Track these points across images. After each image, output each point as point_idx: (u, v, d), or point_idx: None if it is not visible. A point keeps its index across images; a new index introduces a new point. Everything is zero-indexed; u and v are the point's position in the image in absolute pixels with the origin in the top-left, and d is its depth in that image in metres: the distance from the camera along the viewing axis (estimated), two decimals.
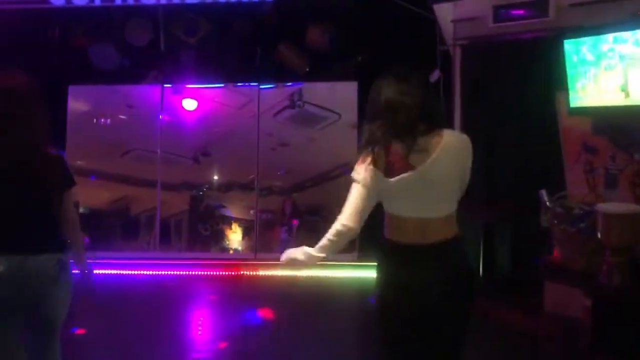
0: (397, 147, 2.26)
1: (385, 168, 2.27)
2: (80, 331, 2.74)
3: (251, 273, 6.61)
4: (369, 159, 2.28)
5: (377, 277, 2.41)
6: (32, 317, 2.57)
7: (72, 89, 7.11)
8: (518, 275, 5.23)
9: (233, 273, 6.60)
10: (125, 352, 4.17)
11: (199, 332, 4.79)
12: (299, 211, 7.30)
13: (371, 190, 2.29)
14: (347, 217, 2.31)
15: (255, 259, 6.95)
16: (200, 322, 5.12)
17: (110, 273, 6.41)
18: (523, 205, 5.07)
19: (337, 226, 2.34)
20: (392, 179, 2.26)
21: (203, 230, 7.42)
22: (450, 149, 2.28)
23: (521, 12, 5.09)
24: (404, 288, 2.28)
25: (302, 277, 6.17)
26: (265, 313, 5.21)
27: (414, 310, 2.29)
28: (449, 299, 2.27)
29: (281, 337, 4.62)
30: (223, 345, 4.50)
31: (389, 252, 2.37)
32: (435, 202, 2.30)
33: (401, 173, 2.25)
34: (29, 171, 2.52)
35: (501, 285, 5.21)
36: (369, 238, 2.57)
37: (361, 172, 2.30)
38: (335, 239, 2.34)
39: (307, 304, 5.40)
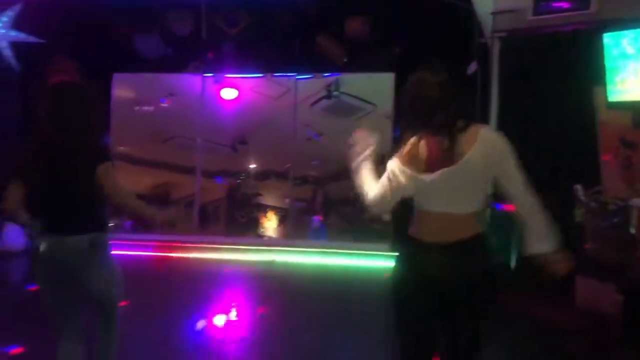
0: (434, 142, 2.28)
1: (423, 162, 2.29)
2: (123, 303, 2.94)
3: (283, 259, 6.72)
4: (404, 151, 2.34)
5: (396, 269, 2.43)
6: (77, 292, 2.76)
7: (116, 76, 7.36)
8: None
9: (264, 258, 6.73)
10: (160, 326, 4.36)
11: (230, 314, 4.93)
12: (331, 201, 7.40)
13: (393, 182, 2.35)
14: (372, 198, 2.41)
15: (287, 246, 7.05)
16: (233, 304, 5.27)
17: (151, 254, 6.65)
18: (558, 199, 5.04)
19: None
20: (429, 175, 2.28)
21: (239, 217, 7.59)
22: (487, 146, 2.27)
23: (562, 4, 5.05)
24: (423, 283, 2.31)
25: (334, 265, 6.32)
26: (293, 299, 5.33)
27: (430, 304, 2.32)
28: (465, 298, 2.29)
29: (312, 323, 4.72)
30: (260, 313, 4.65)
31: (411, 248, 2.38)
32: (465, 199, 2.31)
33: (438, 168, 2.26)
34: (67, 158, 2.68)
35: (533, 279, 5.18)
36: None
37: (392, 164, 2.37)
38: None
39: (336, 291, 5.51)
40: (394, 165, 2.37)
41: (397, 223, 6.37)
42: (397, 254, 2.46)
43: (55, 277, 2.72)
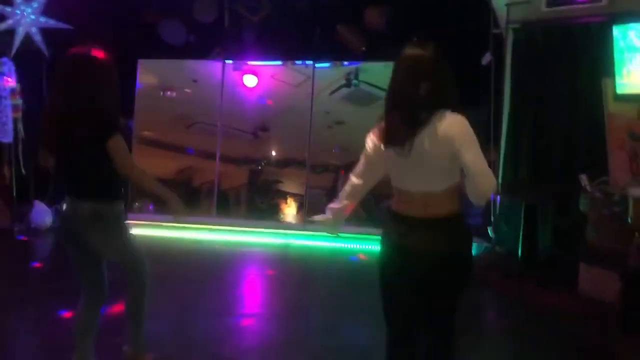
0: (396, 119, 2.37)
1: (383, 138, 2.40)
2: None
3: (299, 242, 6.91)
4: (379, 127, 2.48)
5: (381, 244, 2.56)
6: (89, 253, 3.03)
7: (141, 62, 7.59)
8: (557, 257, 5.29)
9: (282, 241, 6.93)
10: (179, 305, 4.60)
11: (246, 294, 5.17)
12: None
13: (372, 157, 2.50)
14: (356, 175, 2.59)
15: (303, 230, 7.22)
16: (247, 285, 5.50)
17: (173, 236, 6.91)
18: (566, 188, 5.12)
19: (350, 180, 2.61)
20: (386, 151, 2.39)
21: (260, 203, 7.76)
22: (438, 131, 2.29)
23: None
24: (403, 254, 2.42)
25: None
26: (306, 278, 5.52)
27: (411, 275, 2.43)
28: (440, 271, 2.38)
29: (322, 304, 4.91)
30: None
31: (392, 222, 2.49)
32: (428, 178, 2.37)
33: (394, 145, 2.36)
34: (71, 126, 2.87)
35: (540, 267, 5.28)
36: None
37: (368, 141, 2.51)
38: (348, 188, 2.62)
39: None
40: (368, 139, 2.51)
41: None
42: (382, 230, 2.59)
43: (67, 237, 3.02)
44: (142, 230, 6.72)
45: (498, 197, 5.86)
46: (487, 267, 5.43)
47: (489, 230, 6.06)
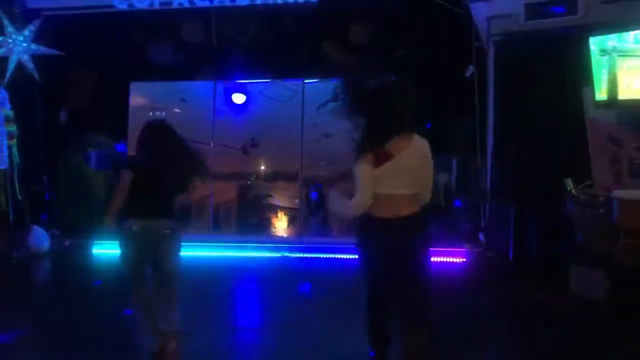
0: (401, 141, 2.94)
1: (374, 160, 2.92)
2: None
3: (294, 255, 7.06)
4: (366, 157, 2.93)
5: (359, 241, 3.11)
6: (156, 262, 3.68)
7: (132, 85, 7.71)
8: (546, 258, 5.49)
9: (277, 255, 7.07)
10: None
11: (246, 306, 5.27)
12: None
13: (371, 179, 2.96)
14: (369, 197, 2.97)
15: (299, 243, 7.36)
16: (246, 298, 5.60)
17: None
18: (552, 193, 5.34)
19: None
20: (380, 167, 2.91)
21: (251, 217, 7.88)
22: (417, 147, 2.96)
23: (552, 9, 5.34)
24: (382, 246, 2.99)
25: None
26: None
27: (388, 261, 2.98)
28: (411, 254, 2.99)
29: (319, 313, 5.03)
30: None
31: (370, 223, 3.01)
32: (407, 183, 2.95)
33: (385, 162, 2.91)
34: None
35: (530, 268, 5.49)
36: None
37: (362, 169, 2.95)
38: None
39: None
40: (362, 168, 2.93)
41: None
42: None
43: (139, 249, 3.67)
44: None
45: (487, 204, 6.08)
46: (479, 271, 5.62)
47: (480, 236, 6.27)
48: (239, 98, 7.75)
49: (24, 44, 7.07)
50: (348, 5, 7.01)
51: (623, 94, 4.50)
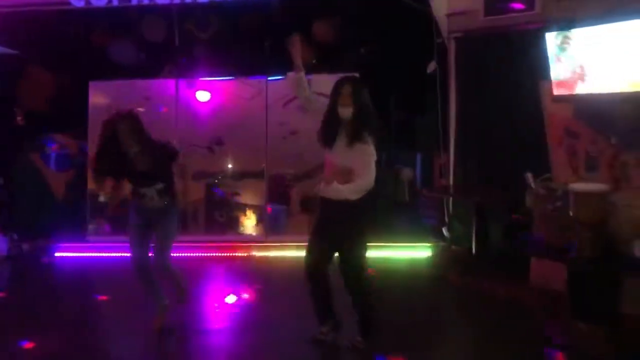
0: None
1: None
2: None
3: (262, 254, 7.03)
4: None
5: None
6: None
7: (92, 84, 7.54)
8: (508, 251, 5.59)
9: (245, 254, 7.03)
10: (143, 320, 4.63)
11: (215, 307, 5.22)
12: (308, 198, 7.67)
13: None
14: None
15: (265, 241, 7.33)
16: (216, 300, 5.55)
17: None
18: (513, 187, 5.43)
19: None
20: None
21: (219, 216, 7.81)
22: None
23: (510, 5, 5.41)
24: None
25: None
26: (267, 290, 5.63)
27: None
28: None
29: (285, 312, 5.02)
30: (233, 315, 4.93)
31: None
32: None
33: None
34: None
35: (492, 262, 5.57)
36: None
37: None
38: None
39: None
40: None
41: None
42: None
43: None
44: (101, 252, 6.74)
45: (451, 199, 6.14)
46: (444, 265, 5.68)
47: (444, 230, 6.33)
48: (202, 96, 7.67)
49: None
50: (310, 1, 6.98)
51: (577, 89, 4.59)
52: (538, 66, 5.09)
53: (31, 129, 7.38)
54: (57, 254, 6.82)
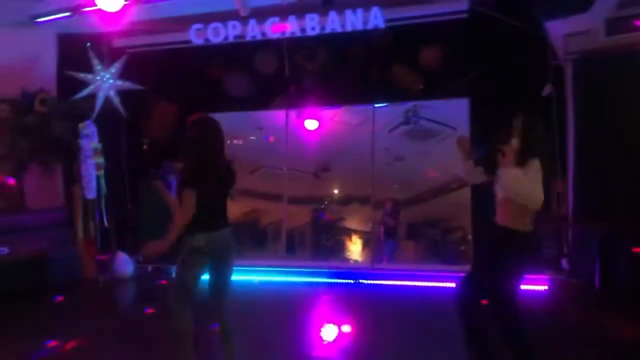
0: None
1: None
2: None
3: (369, 282, 7.01)
4: None
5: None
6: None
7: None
8: (636, 287, 5.16)
9: (352, 281, 7.04)
10: (254, 346, 4.76)
11: (320, 334, 5.25)
12: (414, 224, 7.59)
13: None
14: None
15: (372, 269, 7.31)
16: (320, 325, 5.60)
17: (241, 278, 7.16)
18: (638, 216, 5.03)
19: None
20: None
21: (325, 241, 7.93)
22: None
23: (633, 24, 5.08)
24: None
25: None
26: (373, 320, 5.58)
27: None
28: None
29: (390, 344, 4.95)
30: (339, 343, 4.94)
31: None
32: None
33: None
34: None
35: (618, 297, 5.16)
36: None
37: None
38: None
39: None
40: None
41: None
42: None
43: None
44: None
45: (570, 228, 5.80)
46: (562, 299, 5.35)
47: (563, 262, 5.97)
48: (311, 124, 7.89)
49: (111, 81, 7.54)
50: (417, 28, 6.99)
51: None
52: None
53: (156, 157, 7.95)
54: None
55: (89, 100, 7.46)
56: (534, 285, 5.99)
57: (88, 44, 7.47)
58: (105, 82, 7.51)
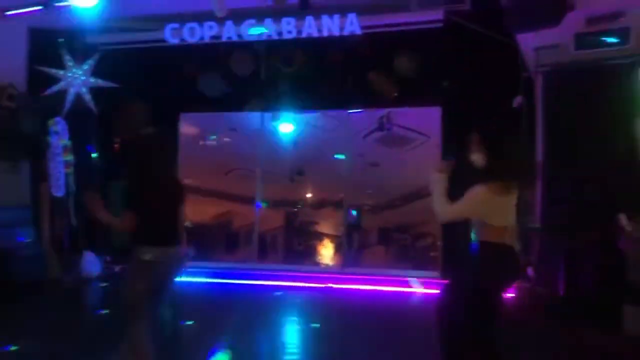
0: None
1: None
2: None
3: (339, 286, 7.03)
4: None
5: None
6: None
7: (183, 115, 7.97)
8: (599, 296, 5.26)
9: (322, 285, 7.05)
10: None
11: (287, 337, 5.25)
12: (387, 229, 7.65)
13: None
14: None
15: (343, 273, 7.34)
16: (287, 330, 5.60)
17: (212, 281, 7.12)
18: (605, 228, 5.14)
19: None
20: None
21: (297, 244, 7.94)
22: None
23: (602, 39, 5.21)
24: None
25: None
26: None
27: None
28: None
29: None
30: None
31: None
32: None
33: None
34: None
35: (582, 306, 5.26)
36: None
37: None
38: None
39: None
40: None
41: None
42: None
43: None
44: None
45: (537, 237, 5.90)
46: (527, 307, 5.44)
47: (529, 270, 6.07)
48: (286, 127, 7.89)
49: (83, 78, 7.44)
50: (393, 36, 7.05)
51: None
52: (632, 102, 4.84)
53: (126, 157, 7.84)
54: None
55: (60, 97, 7.34)
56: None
57: (60, 39, 7.34)
58: (76, 79, 7.41)
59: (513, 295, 6.00)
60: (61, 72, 7.37)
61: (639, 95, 4.60)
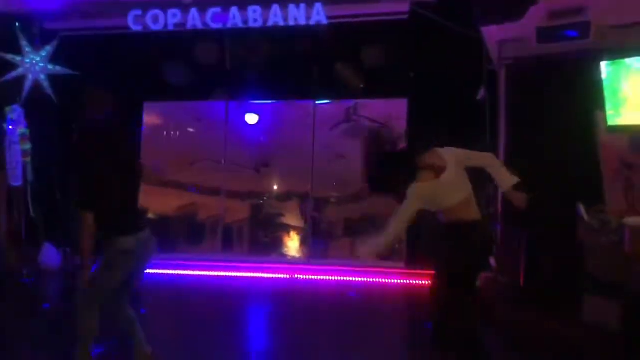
0: None
1: None
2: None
3: (304, 277, 7.02)
4: None
5: None
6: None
7: (146, 105, 7.81)
8: (558, 285, 5.37)
9: (287, 277, 7.03)
10: (184, 342, 4.68)
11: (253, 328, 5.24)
12: (352, 221, 7.67)
13: None
14: None
15: (309, 265, 7.33)
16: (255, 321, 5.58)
17: (175, 274, 7.02)
18: (565, 218, 5.24)
19: None
20: None
21: (263, 236, 7.90)
22: None
23: (563, 33, 5.30)
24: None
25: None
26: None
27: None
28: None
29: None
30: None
31: None
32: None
33: None
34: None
35: (542, 295, 5.37)
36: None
37: None
38: None
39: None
40: None
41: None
42: None
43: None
44: None
45: (499, 227, 5.99)
46: (490, 296, 5.52)
47: (491, 260, 6.16)
48: (251, 118, 7.82)
49: (41, 64, 7.21)
50: (359, 27, 7.04)
51: (635, 119, 4.44)
52: (592, 95, 4.95)
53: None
54: None
55: (17, 84, 7.10)
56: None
57: (17, 24, 7.10)
58: (34, 66, 7.17)
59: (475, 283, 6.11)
60: (18, 58, 7.13)
61: (599, 89, 4.68)
